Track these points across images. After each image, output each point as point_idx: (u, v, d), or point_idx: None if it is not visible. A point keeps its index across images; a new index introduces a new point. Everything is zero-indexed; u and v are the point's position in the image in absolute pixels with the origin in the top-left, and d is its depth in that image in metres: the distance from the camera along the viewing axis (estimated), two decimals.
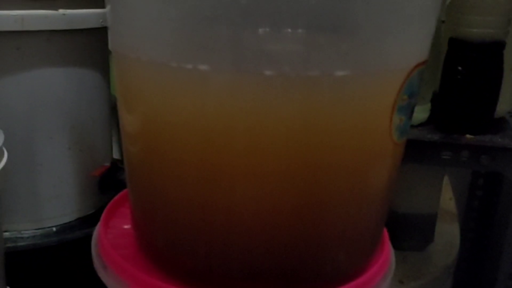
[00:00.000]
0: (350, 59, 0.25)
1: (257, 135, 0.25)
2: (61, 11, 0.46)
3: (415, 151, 0.47)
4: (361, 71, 0.25)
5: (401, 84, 0.26)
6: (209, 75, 0.24)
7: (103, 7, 0.48)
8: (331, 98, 0.25)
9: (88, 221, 0.53)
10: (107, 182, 0.54)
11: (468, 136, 0.49)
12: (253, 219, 0.27)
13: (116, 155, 0.60)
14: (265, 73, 0.23)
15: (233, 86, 0.24)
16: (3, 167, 0.37)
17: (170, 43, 0.25)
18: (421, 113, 0.51)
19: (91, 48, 0.50)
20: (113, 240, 0.32)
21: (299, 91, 0.24)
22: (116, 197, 0.37)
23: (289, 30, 0.24)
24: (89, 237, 0.33)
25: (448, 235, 0.65)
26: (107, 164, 0.55)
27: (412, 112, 0.29)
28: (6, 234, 0.49)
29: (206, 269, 0.29)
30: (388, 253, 0.33)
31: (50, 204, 0.50)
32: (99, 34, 0.51)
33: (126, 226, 0.35)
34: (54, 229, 0.51)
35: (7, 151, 0.38)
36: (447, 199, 0.71)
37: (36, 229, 0.50)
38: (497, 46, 0.47)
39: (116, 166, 0.55)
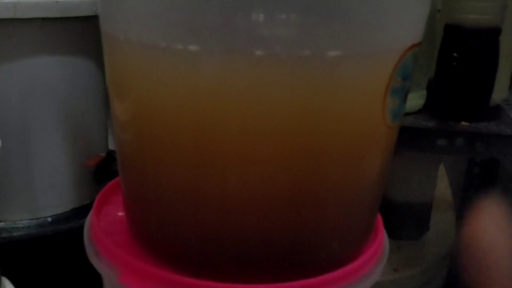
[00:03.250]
0: (342, 39, 0.24)
1: (249, 117, 0.25)
2: None
3: (410, 138, 0.47)
4: (353, 52, 0.25)
5: (394, 65, 0.26)
6: (200, 56, 0.24)
7: None
8: (323, 79, 0.24)
9: (83, 212, 0.53)
10: (103, 172, 0.54)
11: (463, 123, 0.49)
12: (246, 203, 0.27)
13: (111, 146, 0.60)
14: (256, 53, 0.23)
15: (223, 66, 0.24)
16: None
17: (160, 23, 0.25)
18: (416, 100, 0.51)
19: (85, 36, 0.50)
20: (105, 227, 0.32)
21: (290, 71, 0.24)
22: (108, 185, 0.36)
23: (280, 9, 0.24)
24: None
25: (443, 224, 0.65)
26: (103, 154, 0.55)
27: (406, 95, 0.29)
28: (1, 224, 0.49)
29: (198, 254, 0.28)
30: (382, 239, 0.33)
31: (45, 194, 0.50)
32: (93, 22, 0.50)
33: (118, 213, 0.35)
34: (49, 219, 0.51)
35: (1, 141, 0.38)
36: (443, 188, 0.71)
37: (31, 219, 0.50)
38: (493, 32, 0.47)
39: (112, 157, 0.55)
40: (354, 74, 0.25)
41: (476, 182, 0.77)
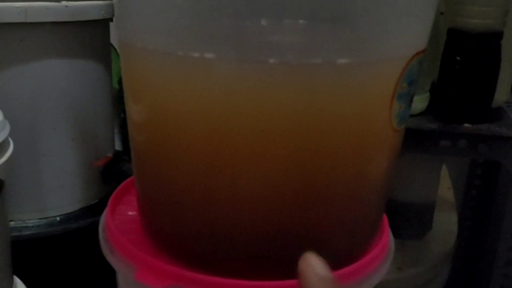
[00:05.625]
0: (352, 47, 0.25)
1: (260, 122, 0.25)
2: (63, 2, 0.46)
3: (414, 140, 0.48)
4: (362, 59, 0.26)
5: (401, 72, 0.27)
6: (215, 64, 0.25)
7: None
8: (333, 85, 0.25)
9: (91, 211, 0.53)
10: (110, 172, 0.55)
11: (466, 125, 0.50)
12: (257, 203, 0.28)
13: (118, 147, 0.60)
14: (268, 61, 0.24)
15: (237, 74, 0.25)
16: (9, 158, 0.38)
17: (176, 32, 0.26)
18: (419, 102, 0.52)
19: (93, 40, 0.51)
20: (119, 226, 0.33)
21: (301, 78, 0.25)
22: (121, 185, 0.37)
23: (292, 19, 0.24)
24: (92, 226, 0.33)
25: (446, 223, 0.65)
26: (110, 155, 0.56)
27: (411, 100, 0.30)
28: (11, 223, 0.49)
29: (210, 252, 0.29)
30: (387, 238, 0.34)
31: (54, 194, 0.51)
32: (101, 26, 0.51)
33: (131, 213, 0.36)
34: (58, 218, 0.51)
35: (11, 142, 0.39)
36: (445, 188, 0.72)
37: (40, 219, 0.51)
38: (495, 37, 0.48)
39: (119, 157, 0.56)
40: (362, 80, 0.26)
41: (478, 183, 0.78)
